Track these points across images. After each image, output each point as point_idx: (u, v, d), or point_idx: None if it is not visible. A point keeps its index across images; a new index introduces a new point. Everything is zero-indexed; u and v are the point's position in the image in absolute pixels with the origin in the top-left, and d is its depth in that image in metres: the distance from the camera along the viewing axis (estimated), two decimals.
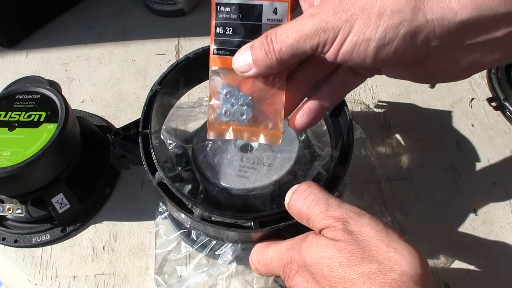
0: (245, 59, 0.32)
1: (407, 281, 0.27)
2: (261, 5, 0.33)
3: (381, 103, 0.57)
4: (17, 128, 0.44)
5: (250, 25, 0.34)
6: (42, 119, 0.45)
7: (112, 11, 0.70)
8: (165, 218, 0.45)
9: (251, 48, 0.32)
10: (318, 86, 0.36)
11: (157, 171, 0.38)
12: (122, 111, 0.58)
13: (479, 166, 0.51)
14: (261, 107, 0.35)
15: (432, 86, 0.59)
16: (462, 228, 0.47)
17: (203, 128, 0.45)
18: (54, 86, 0.60)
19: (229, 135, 0.35)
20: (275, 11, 0.33)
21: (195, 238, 0.42)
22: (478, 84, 0.59)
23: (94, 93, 0.60)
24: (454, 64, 0.30)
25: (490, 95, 0.58)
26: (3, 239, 0.47)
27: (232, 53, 0.34)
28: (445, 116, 0.56)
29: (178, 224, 0.45)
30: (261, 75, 0.33)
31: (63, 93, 0.48)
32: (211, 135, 0.36)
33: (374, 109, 0.57)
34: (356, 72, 0.35)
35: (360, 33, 0.28)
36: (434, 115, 0.56)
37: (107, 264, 0.45)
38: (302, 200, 0.32)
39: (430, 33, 0.28)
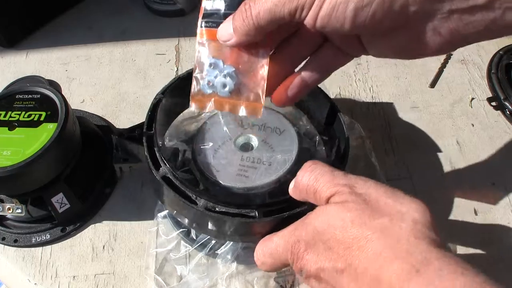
0: (227, 28, 0.33)
1: (421, 228, 0.27)
2: None
3: (381, 103, 0.57)
4: (17, 128, 0.44)
5: None
6: (42, 118, 0.45)
7: (112, 11, 0.70)
8: (165, 217, 0.45)
9: (232, 17, 0.33)
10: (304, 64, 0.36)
11: (161, 166, 0.38)
12: (122, 111, 0.58)
13: (479, 166, 0.51)
14: (244, 79, 0.35)
15: (432, 86, 0.59)
16: (462, 228, 0.47)
17: (203, 128, 0.45)
18: (54, 86, 0.60)
19: (210, 106, 0.36)
20: None
21: (194, 237, 0.42)
22: (478, 84, 0.59)
23: (94, 93, 0.60)
24: (435, 34, 0.30)
25: (490, 95, 0.58)
26: (3, 238, 0.47)
27: (218, 25, 0.34)
28: (445, 116, 0.56)
29: (178, 223, 0.45)
30: (242, 42, 0.33)
31: (63, 93, 0.48)
32: (192, 106, 0.36)
33: (374, 109, 0.57)
34: (341, 49, 0.35)
35: None
36: (434, 115, 0.56)
37: (107, 264, 0.45)
38: (309, 174, 0.33)
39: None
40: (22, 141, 0.43)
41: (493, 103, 0.56)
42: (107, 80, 0.61)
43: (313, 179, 0.32)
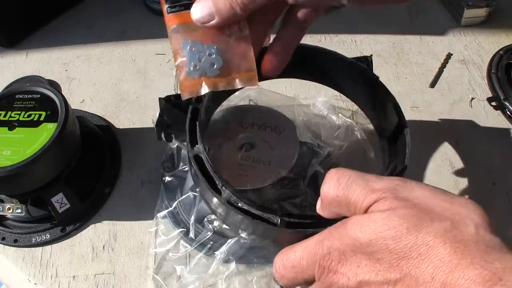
0: (204, 9, 0.32)
1: (485, 233, 0.26)
2: None
3: None
4: (17, 128, 0.44)
5: None
6: (42, 118, 0.45)
7: (112, 11, 0.70)
8: (164, 217, 0.45)
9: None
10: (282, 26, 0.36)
11: (197, 144, 0.36)
12: (122, 111, 0.58)
13: (479, 166, 0.51)
14: (229, 54, 0.34)
15: (432, 86, 0.59)
16: None
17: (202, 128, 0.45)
18: (54, 85, 0.60)
19: (204, 89, 0.34)
20: None
21: (193, 237, 0.42)
22: (478, 84, 0.59)
23: (94, 93, 0.60)
24: None
25: (490, 94, 0.58)
26: (3, 238, 0.47)
27: (187, 7, 0.33)
28: (445, 116, 0.56)
29: (177, 223, 0.45)
30: (224, 24, 0.33)
31: (63, 93, 0.48)
32: (185, 95, 0.34)
33: None
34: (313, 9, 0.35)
35: None
36: (434, 115, 0.56)
37: (107, 264, 0.45)
38: (336, 183, 0.29)
39: None
40: (22, 141, 0.43)
41: (493, 103, 0.56)
42: (107, 80, 0.61)
43: (343, 188, 0.29)
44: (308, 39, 0.64)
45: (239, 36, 0.34)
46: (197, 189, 0.43)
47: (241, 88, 0.35)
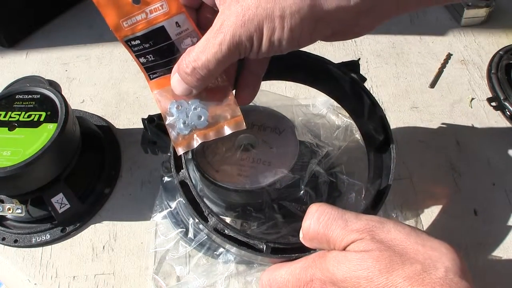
0: (181, 85, 0.35)
1: (454, 278, 0.27)
2: (162, 26, 0.34)
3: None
4: (17, 128, 0.44)
5: (165, 46, 0.35)
6: (42, 119, 0.45)
7: None
8: (164, 217, 0.45)
9: (182, 79, 0.34)
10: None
11: (183, 169, 0.37)
12: (122, 111, 0.58)
13: (479, 166, 0.51)
14: (213, 104, 0.36)
15: (432, 86, 0.59)
16: (462, 228, 0.47)
17: None
18: (54, 86, 0.60)
19: (196, 142, 0.36)
20: (177, 25, 0.34)
21: (192, 237, 0.42)
22: (478, 84, 0.59)
23: (94, 93, 0.60)
24: (354, 29, 0.33)
25: (490, 95, 0.58)
26: (3, 239, 0.47)
27: (166, 72, 0.36)
28: (445, 116, 0.56)
29: (177, 223, 0.45)
30: (204, 87, 0.35)
31: (63, 93, 0.48)
32: (179, 150, 0.36)
33: None
34: None
35: (271, 36, 0.31)
36: (434, 115, 0.56)
37: (107, 264, 0.45)
38: (316, 222, 0.31)
39: (331, 20, 0.31)
40: (22, 141, 0.43)
41: (493, 103, 0.56)
42: (107, 80, 0.61)
43: (323, 227, 0.31)
44: None
45: (219, 86, 0.36)
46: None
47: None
